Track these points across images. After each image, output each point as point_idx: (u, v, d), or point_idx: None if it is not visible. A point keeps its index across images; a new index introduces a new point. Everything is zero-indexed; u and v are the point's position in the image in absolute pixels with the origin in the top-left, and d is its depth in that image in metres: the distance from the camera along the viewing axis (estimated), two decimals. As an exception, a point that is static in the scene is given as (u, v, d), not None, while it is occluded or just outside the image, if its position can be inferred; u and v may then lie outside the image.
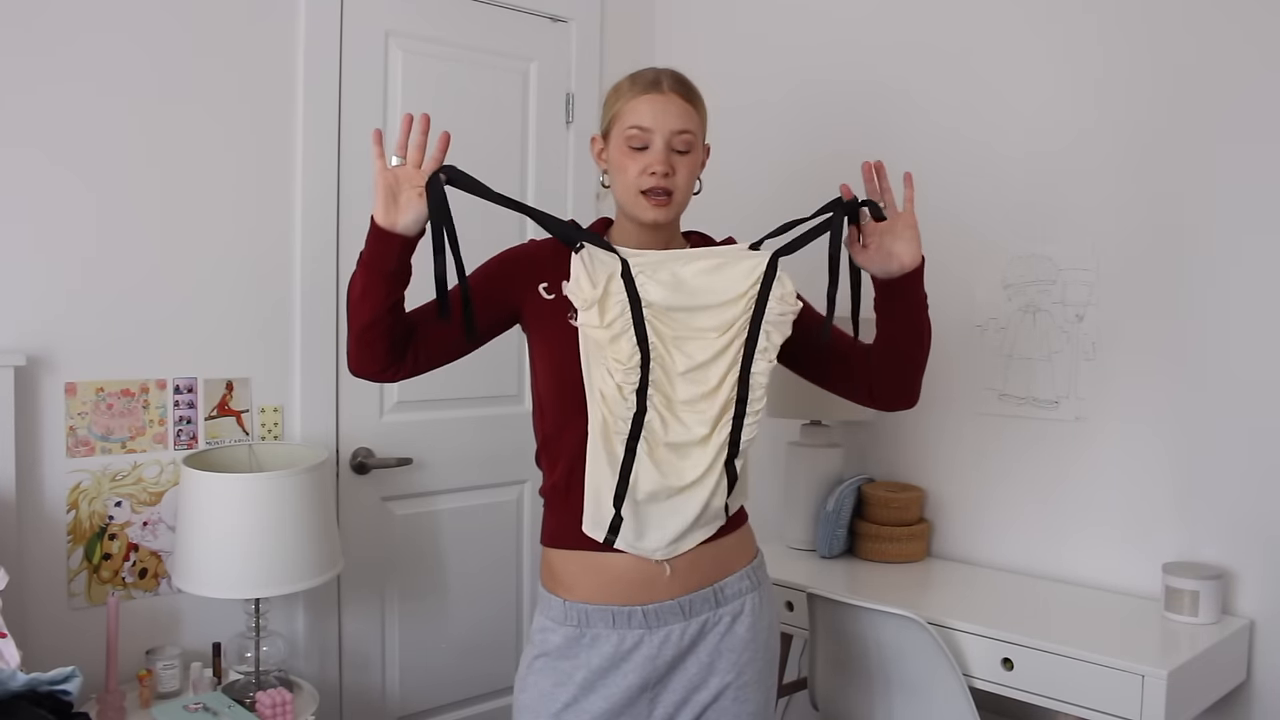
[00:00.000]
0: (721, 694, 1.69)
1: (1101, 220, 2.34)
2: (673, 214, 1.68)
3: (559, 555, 1.70)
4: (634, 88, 1.66)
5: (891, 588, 2.32)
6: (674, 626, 1.66)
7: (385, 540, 2.72)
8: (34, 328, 2.21)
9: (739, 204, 2.75)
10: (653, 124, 1.63)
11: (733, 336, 1.62)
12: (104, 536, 2.30)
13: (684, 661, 1.68)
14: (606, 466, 1.61)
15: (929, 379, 2.65)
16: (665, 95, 1.64)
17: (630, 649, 1.65)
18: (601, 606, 1.65)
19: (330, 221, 2.60)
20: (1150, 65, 2.26)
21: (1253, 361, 2.14)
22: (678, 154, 1.64)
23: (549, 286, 1.69)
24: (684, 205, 1.70)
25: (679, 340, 1.61)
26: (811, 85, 2.85)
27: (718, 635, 1.69)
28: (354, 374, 1.69)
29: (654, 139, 1.63)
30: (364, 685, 2.71)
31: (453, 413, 2.80)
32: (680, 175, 1.65)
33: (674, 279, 1.62)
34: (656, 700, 1.68)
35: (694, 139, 1.66)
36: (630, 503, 1.61)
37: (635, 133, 1.63)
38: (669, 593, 1.66)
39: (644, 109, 1.64)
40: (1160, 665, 1.86)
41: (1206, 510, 2.20)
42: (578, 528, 1.65)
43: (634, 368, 1.57)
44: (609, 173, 1.70)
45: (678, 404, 1.61)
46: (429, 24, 2.75)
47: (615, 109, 1.68)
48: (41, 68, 2.19)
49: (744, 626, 1.71)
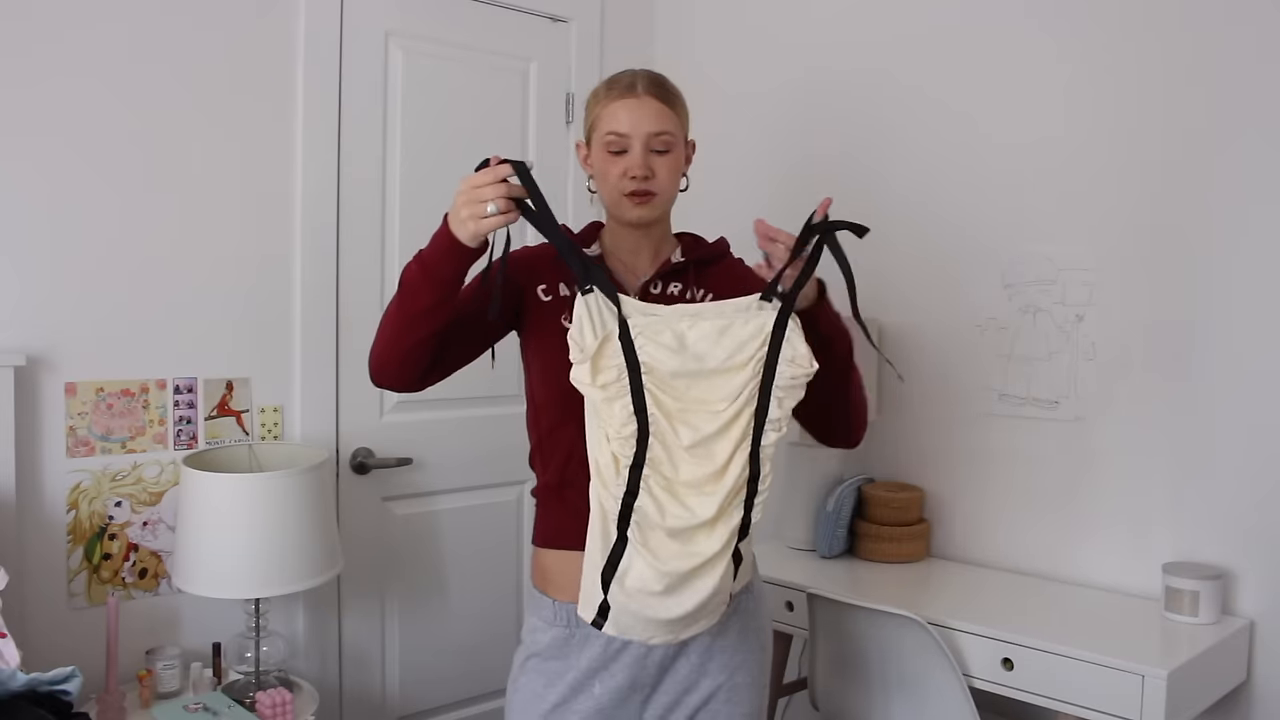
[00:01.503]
0: (713, 696, 1.68)
1: (1101, 220, 2.34)
2: (656, 211, 1.68)
3: (550, 555, 1.71)
4: (610, 93, 1.66)
5: (891, 588, 2.32)
6: None
7: (385, 540, 2.72)
8: (34, 328, 2.21)
9: (739, 204, 2.75)
10: (629, 129, 1.63)
11: (740, 406, 1.49)
12: (104, 536, 2.30)
13: (674, 663, 1.67)
14: (600, 540, 1.51)
15: (930, 379, 2.66)
16: (640, 99, 1.64)
17: (619, 650, 1.65)
18: None
19: (330, 221, 2.60)
20: (1150, 65, 2.26)
21: (1253, 361, 2.14)
22: (657, 154, 1.64)
23: (546, 289, 1.69)
24: (668, 202, 1.70)
25: (683, 413, 1.49)
26: (812, 84, 2.85)
27: (709, 637, 1.67)
28: (383, 386, 1.66)
29: (631, 143, 1.63)
30: (364, 685, 2.71)
31: (453, 413, 2.80)
32: (661, 175, 1.65)
33: (677, 341, 1.50)
34: (648, 702, 1.68)
35: (672, 139, 1.65)
36: (618, 588, 1.50)
37: (613, 138, 1.64)
38: None
39: (620, 114, 1.64)
40: (1160, 665, 1.86)
41: (1206, 510, 2.20)
42: (568, 528, 1.65)
43: (629, 438, 1.47)
44: (594, 177, 1.71)
45: (679, 485, 1.49)
46: (429, 24, 2.75)
47: (593, 115, 1.68)
48: (40, 68, 2.19)
49: (735, 628, 1.70)
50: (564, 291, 1.68)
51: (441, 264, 1.50)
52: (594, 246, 1.74)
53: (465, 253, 1.49)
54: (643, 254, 1.73)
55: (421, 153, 2.75)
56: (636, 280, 1.72)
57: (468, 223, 1.46)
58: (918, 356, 2.65)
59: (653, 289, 1.70)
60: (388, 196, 2.70)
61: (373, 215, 2.67)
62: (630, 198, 1.64)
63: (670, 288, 1.71)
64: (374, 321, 2.61)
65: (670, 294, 1.71)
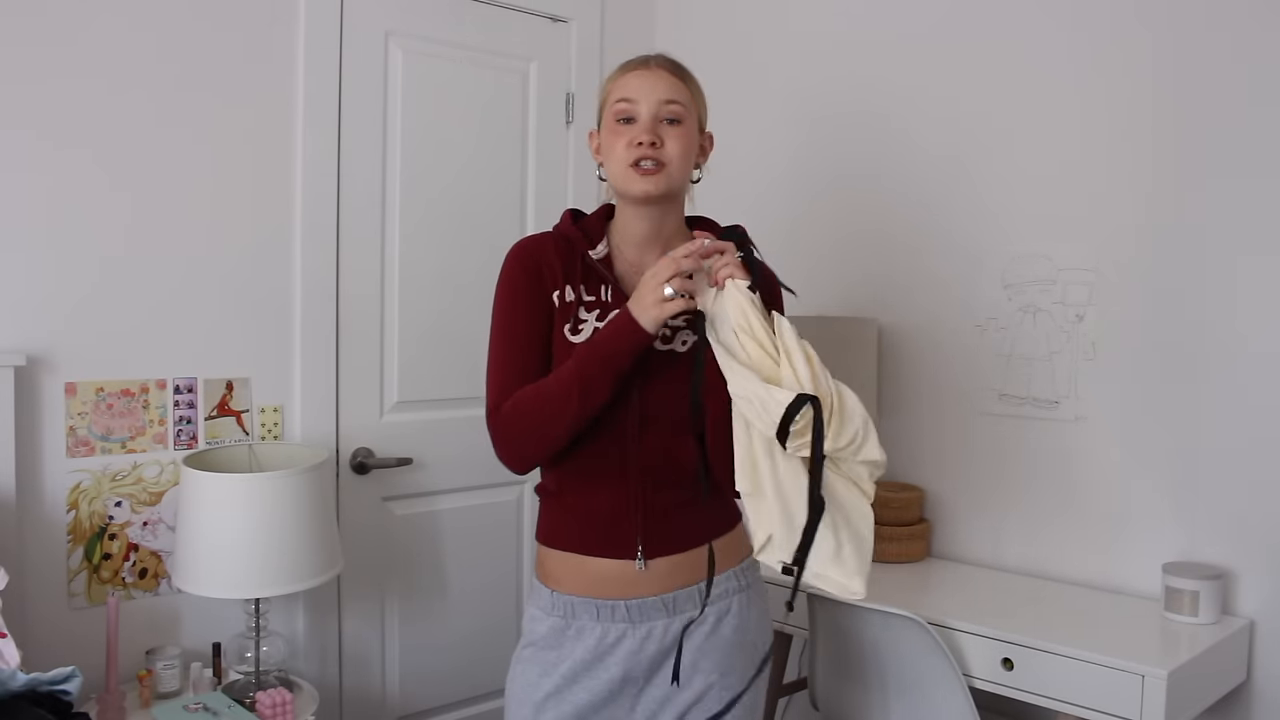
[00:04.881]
0: (705, 693, 1.68)
1: (1101, 220, 2.34)
2: (663, 185, 1.59)
3: (551, 553, 1.72)
4: (622, 70, 1.66)
5: (891, 588, 2.32)
6: (657, 622, 1.66)
7: (385, 540, 2.72)
8: (34, 327, 2.21)
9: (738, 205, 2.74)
10: (638, 94, 1.60)
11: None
12: (104, 536, 2.30)
13: (668, 659, 1.67)
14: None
15: (930, 379, 2.66)
16: (651, 70, 1.63)
17: (614, 643, 1.66)
18: (586, 599, 1.67)
19: (330, 221, 2.60)
20: (1150, 66, 2.26)
21: (1253, 361, 2.14)
22: (667, 124, 1.60)
23: (560, 294, 1.66)
24: (678, 180, 1.62)
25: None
26: (812, 84, 2.85)
27: (702, 634, 1.68)
28: (522, 472, 1.69)
29: (639, 109, 1.60)
30: (364, 685, 2.71)
31: (453, 413, 2.80)
32: (670, 146, 1.59)
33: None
34: (640, 696, 1.68)
35: (683, 110, 1.61)
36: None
37: (622, 105, 1.60)
38: (650, 590, 1.66)
39: (630, 83, 1.62)
40: (1160, 665, 1.86)
41: (1206, 510, 2.20)
42: (568, 529, 1.68)
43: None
44: (604, 162, 1.67)
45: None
46: (429, 24, 2.75)
47: (605, 93, 1.67)
48: (40, 68, 2.19)
49: (730, 627, 1.70)
50: (570, 296, 1.65)
51: (624, 359, 1.55)
52: (600, 246, 1.68)
53: (647, 343, 1.55)
54: (653, 249, 1.66)
55: (421, 152, 2.75)
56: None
57: (650, 309, 1.51)
58: (918, 356, 2.65)
59: None
60: (388, 196, 2.70)
61: (373, 215, 2.67)
62: (635, 169, 1.58)
63: None
64: (374, 321, 2.67)
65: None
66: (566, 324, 1.64)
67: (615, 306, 1.62)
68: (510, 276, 1.68)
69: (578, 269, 1.66)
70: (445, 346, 2.77)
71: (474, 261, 2.77)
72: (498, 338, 1.67)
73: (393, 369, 2.73)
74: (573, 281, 1.65)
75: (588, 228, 1.70)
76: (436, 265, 2.78)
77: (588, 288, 1.66)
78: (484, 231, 2.82)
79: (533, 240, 1.72)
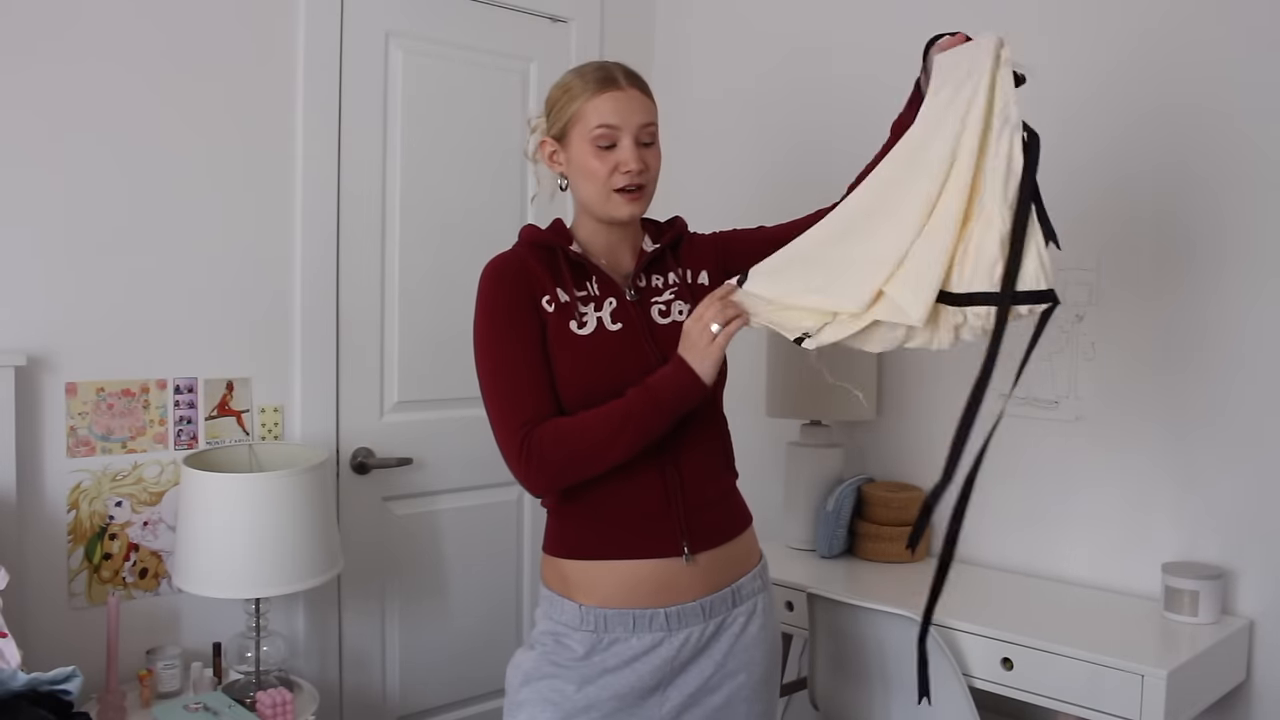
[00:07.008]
0: (735, 694, 1.69)
1: (1101, 220, 2.34)
2: (645, 206, 1.68)
3: (575, 564, 1.67)
4: (589, 86, 1.63)
5: (891, 588, 2.32)
6: (694, 628, 1.66)
7: (385, 540, 2.72)
8: (35, 328, 2.21)
9: (735, 202, 2.75)
10: (619, 121, 1.61)
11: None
12: (104, 536, 2.30)
13: (698, 659, 1.68)
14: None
15: (930, 379, 2.66)
16: (625, 91, 1.63)
17: (647, 649, 1.64)
18: (622, 610, 1.63)
19: (330, 221, 2.60)
20: (1150, 65, 2.26)
21: (1252, 361, 2.14)
22: (644, 146, 1.64)
23: (549, 299, 1.65)
24: (651, 197, 1.69)
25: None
26: (812, 84, 2.85)
27: (732, 636, 1.69)
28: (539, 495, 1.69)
29: (621, 136, 1.61)
30: (364, 685, 2.71)
31: (453, 413, 2.80)
32: (651, 169, 1.66)
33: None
34: (667, 695, 1.67)
35: (656, 129, 1.66)
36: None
37: (603, 131, 1.61)
38: (692, 594, 1.66)
39: (607, 107, 1.61)
40: (1160, 665, 1.86)
41: (1206, 510, 2.20)
42: (599, 534, 1.65)
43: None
44: (569, 176, 1.68)
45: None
46: (429, 24, 2.75)
47: (573, 110, 1.63)
48: (40, 69, 2.19)
49: (756, 626, 1.72)
50: (564, 297, 1.66)
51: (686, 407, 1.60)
52: (574, 246, 1.70)
53: (706, 393, 1.60)
54: (623, 250, 1.73)
55: (421, 152, 2.75)
56: (620, 277, 1.71)
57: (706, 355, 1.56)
58: (918, 356, 2.64)
59: (639, 282, 1.70)
60: (388, 196, 2.70)
61: (373, 215, 2.67)
62: (622, 194, 1.63)
63: (654, 280, 1.72)
64: (374, 321, 2.67)
65: (655, 286, 1.71)
66: (571, 320, 1.64)
67: (607, 295, 1.67)
68: (493, 296, 1.66)
69: (563, 271, 1.67)
70: (445, 346, 2.77)
71: (474, 261, 2.72)
72: (502, 359, 1.63)
73: (393, 369, 2.73)
74: (562, 283, 1.66)
75: (558, 231, 1.73)
76: (437, 265, 2.78)
77: (576, 285, 1.67)
78: (484, 231, 2.82)
79: (508, 256, 1.71)
